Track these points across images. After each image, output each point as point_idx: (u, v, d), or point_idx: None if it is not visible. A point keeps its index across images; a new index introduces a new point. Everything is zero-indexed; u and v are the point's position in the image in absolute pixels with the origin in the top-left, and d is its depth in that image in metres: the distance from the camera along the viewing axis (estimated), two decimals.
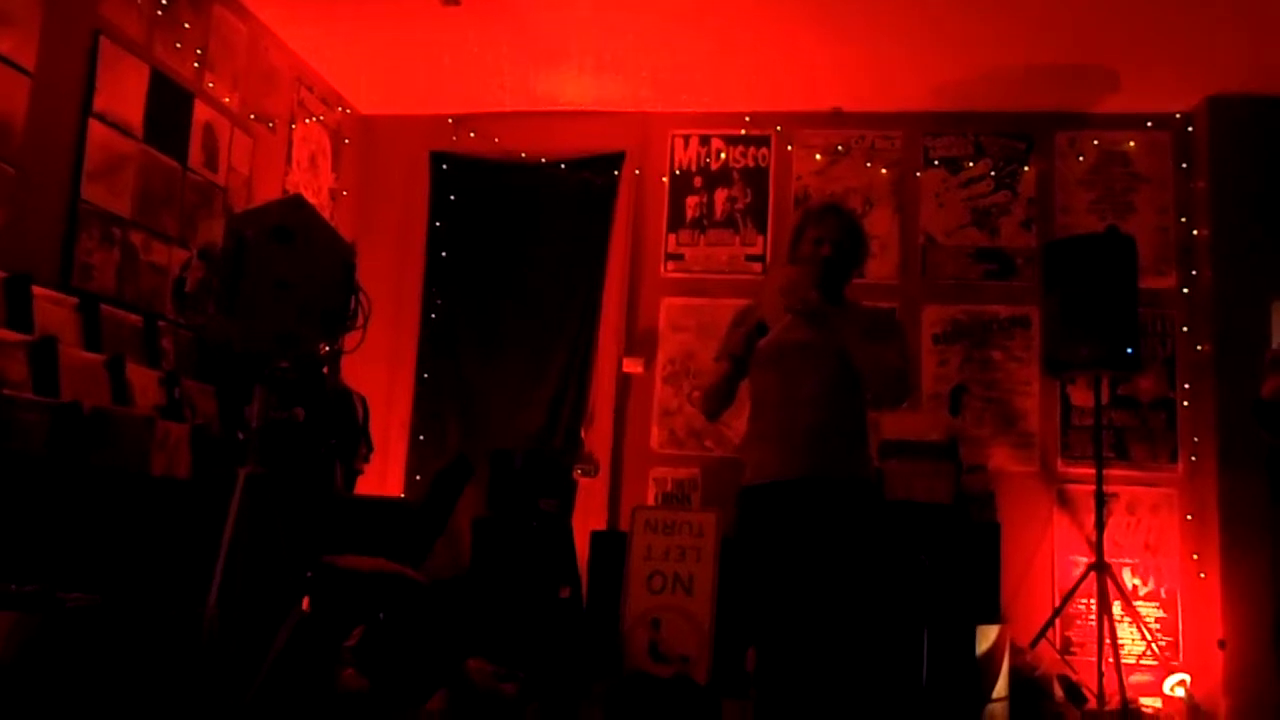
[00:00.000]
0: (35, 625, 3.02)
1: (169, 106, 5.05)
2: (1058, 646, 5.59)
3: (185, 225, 5.16)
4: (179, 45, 5.11)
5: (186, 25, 5.15)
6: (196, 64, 5.25)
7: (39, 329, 3.96)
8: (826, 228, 3.25)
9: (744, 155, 6.53)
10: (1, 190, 4.11)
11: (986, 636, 4.77)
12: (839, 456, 3.12)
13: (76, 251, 4.49)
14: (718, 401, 3.28)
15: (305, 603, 3.98)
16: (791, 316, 3.11)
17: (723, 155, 6.55)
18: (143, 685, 3.23)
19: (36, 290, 4.08)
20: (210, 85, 5.35)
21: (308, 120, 6.29)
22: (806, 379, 3.14)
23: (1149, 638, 5.59)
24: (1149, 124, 6.13)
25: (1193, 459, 5.81)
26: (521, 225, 6.71)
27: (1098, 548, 5.38)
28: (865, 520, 3.10)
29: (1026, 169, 6.23)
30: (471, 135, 6.73)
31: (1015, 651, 5.07)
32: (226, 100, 5.49)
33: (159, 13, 4.97)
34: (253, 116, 5.72)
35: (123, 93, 4.74)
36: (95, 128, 4.58)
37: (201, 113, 5.28)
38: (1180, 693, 5.41)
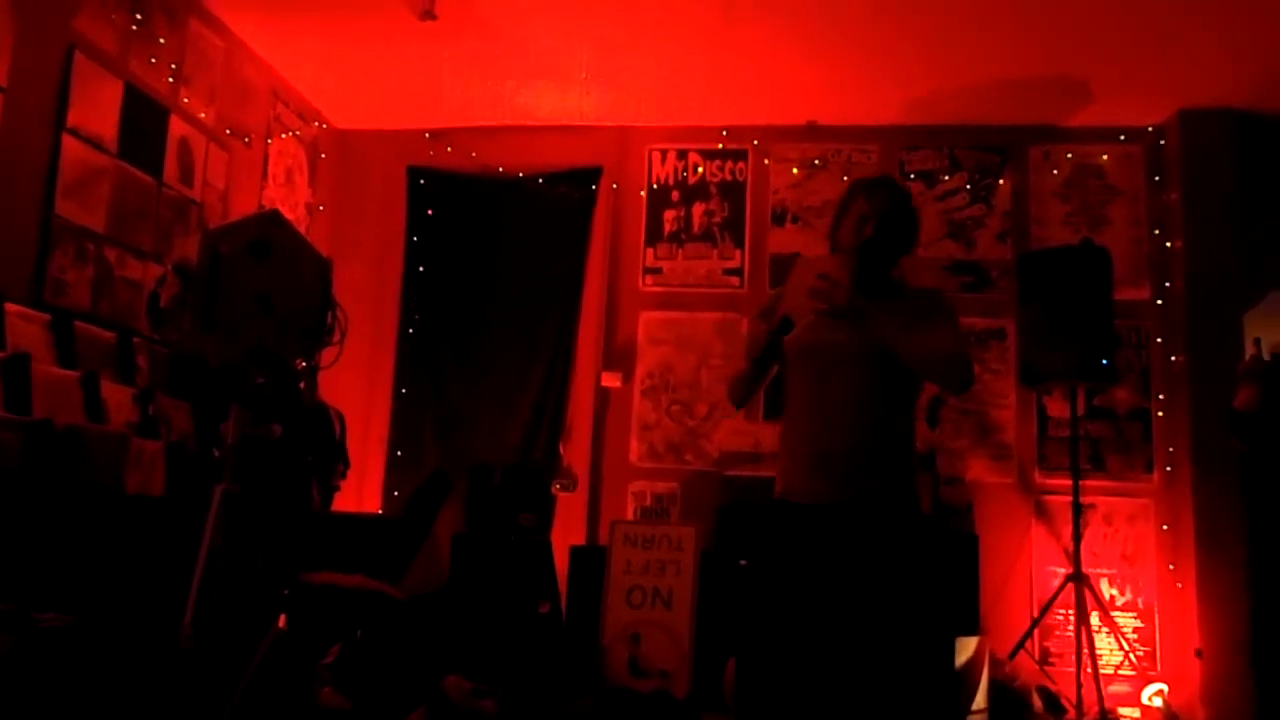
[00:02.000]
0: (8, 646, 2.98)
1: (144, 121, 5.02)
2: (1036, 657, 5.61)
3: (160, 241, 5.13)
4: (154, 60, 5.09)
5: (162, 40, 5.13)
6: (171, 79, 5.22)
7: (11, 346, 3.93)
8: (876, 203, 2.89)
9: (721, 169, 6.55)
10: None
11: (965, 648, 4.78)
12: (872, 479, 2.79)
13: (50, 267, 4.45)
14: (741, 394, 3.03)
15: (282, 620, 3.94)
16: (824, 317, 2.79)
17: (700, 169, 6.57)
18: (118, 705, 3.19)
19: (9, 307, 4.05)
20: (186, 100, 5.33)
21: (284, 135, 6.27)
22: (839, 387, 2.81)
23: (1127, 648, 5.62)
24: (1122, 137, 6.19)
25: (1168, 469, 5.85)
26: (499, 240, 6.70)
27: (1075, 558, 5.41)
28: (899, 542, 2.80)
29: (1001, 182, 6.28)
30: (449, 150, 6.73)
31: (994, 663, 5.08)
32: (202, 115, 5.47)
33: (134, 27, 4.94)
34: (228, 131, 5.70)
35: (97, 107, 4.72)
36: (69, 143, 4.55)
37: (177, 127, 5.26)
38: (1158, 702, 5.43)
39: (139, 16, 4.97)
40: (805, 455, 2.85)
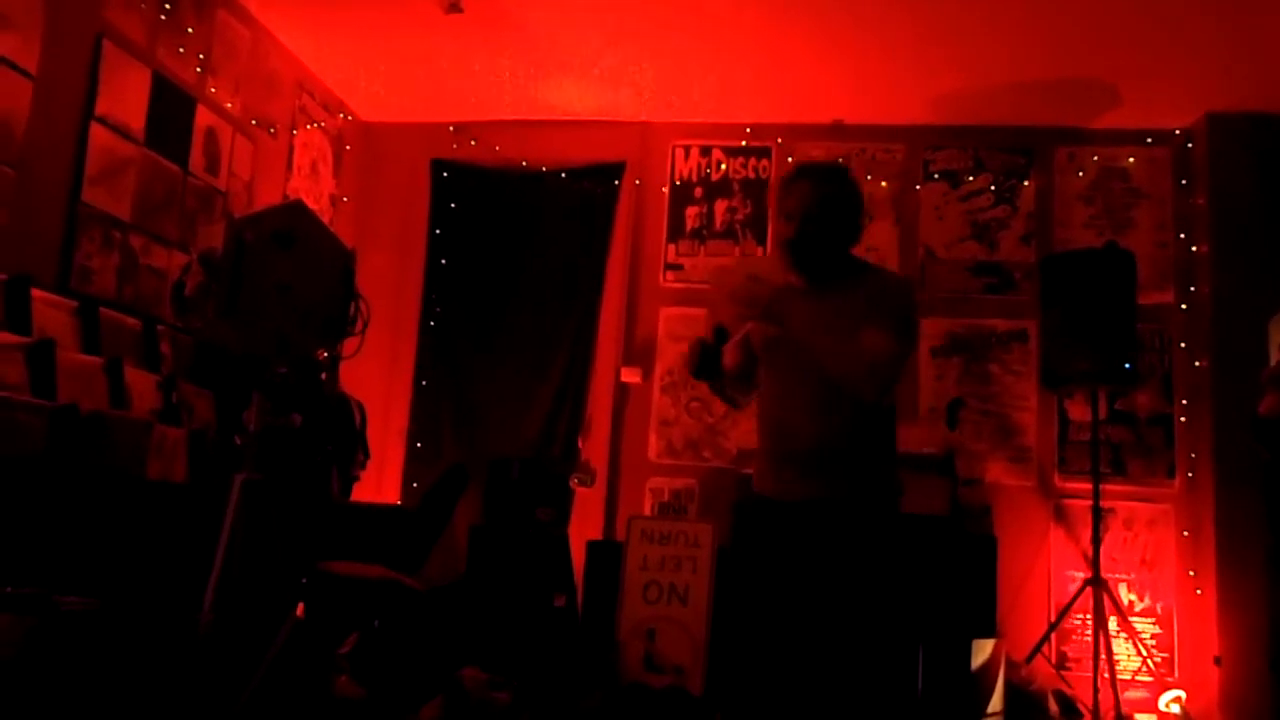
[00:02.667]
0: (31, 628, 3.01)
1: (171, 111, 5.06)
2: (1053, 661, 5.59)
3: (185, 230, 5.16)
4: (182, 50, 5.12)
5: (190, 30, 5.16)
6: (199, 69, 5.25)
7: (37, 331, 3.96)
8: (794, 199, 2.75)
9: (744, 166, 6.54)
10: (2, 192, 4.11)
11: (982, 651, 4.76)
12: (840, 478, 2.75)
13: (76, 254, 4.49)
14: (727, 400, 3.03)
15: (300, 609, 3.96)
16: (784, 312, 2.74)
17: (723, 166, 6.56)
18: (138, 689, 3.22)
19: (35, 293, 4.08)
20: (212, 90, 5.36)
21: (309, 126, 6.30)
22: (803, 385, 2.75)
23: (1145, 653, 5.59)
24: (1149, 140, 6.14)
25: (1190, 475, 5.81)
26: (521, 234, 6.71)
27: (1094, 563, 5.38)
28: (869, 547, 2.75)
29: (1026, 183, 6.25)
30: (472, 143, 6.74)
31: (1011, 666, 5.05)
32: (228, 105, 5.50)
33: (162, 17, 4.98)
34: (254, 122, 5.73)
35: (125, 96, 4.75)
36: (97, 131, 4.58)
37: (203, 117, 5.29)
38: (1176, 709, 5.39)
39: (168, 6, 5.00)
40: (775, 453, 2.84)
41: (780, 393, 2.83)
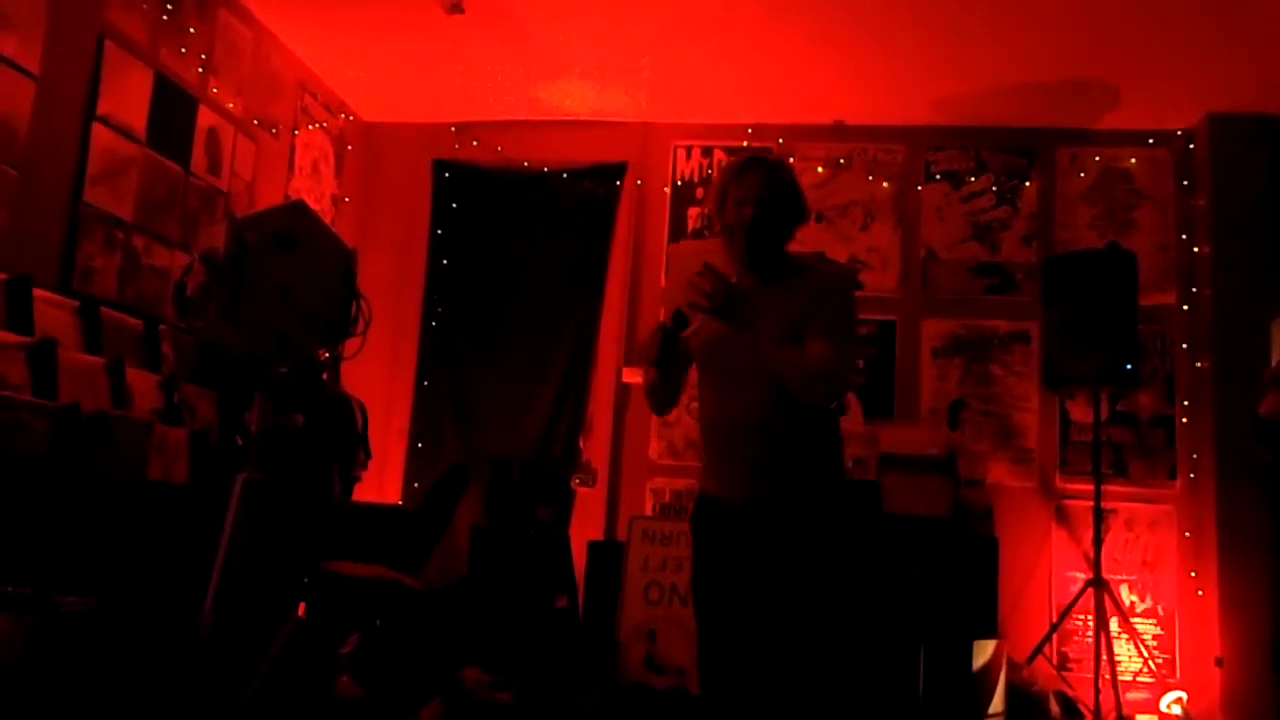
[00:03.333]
0: (31, 628, 3.01)
1: (173, 111, 5.06)
2: (1054, 662, 5.58)
3: (187, 230, 5.16)
4: (184, 50, 5.12)
5: (191, 30, 5.16)
6: (201, 69, 5.26)
7: (39, 331, 3.96)
8: (747, 186, 2.74)
9: None
10: (4, 193, 4.11)
11: (983, 651, 4.76)
12: (787, 478, 2.73)
13: (78, 255, 4.49)
14: (658, 402, 2.97)
15: (302, 609, 3.97)
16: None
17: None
18: (138, 690, 3.22)
19: (37, 293, 4.08)
20: (214, 90, 5.36)
21: (311, 126, 6.30)
22: (745, 386, 2.72)
23: (1146, 655, 5.58)
24: (1150, 141, 6.14)
25: (1191, 476, 5.81)
26: (523, 234, 6.71)
27: (1095, 564, 5.38)
28: (818, 544, 2.72)
29: (1028, 184, 6.25)
30: (474, 144, 6.75)
31: (1012, 667, 5.06)
32: (230, 105, 5.50)
33: (164, 17, 4.98)
34: (256, 122, 5.73)
35: (127, 97, 4.75)
36: (99, 131, 4.59)
37: (205, 118, 5.29)
38: (1177, 710, 5.39)
39: (169, 7, 5.00)
40: (716, 454, 2.82)
41: (719, 396, 2.81)
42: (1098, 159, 6.19)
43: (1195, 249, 5.99)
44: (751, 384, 2.70)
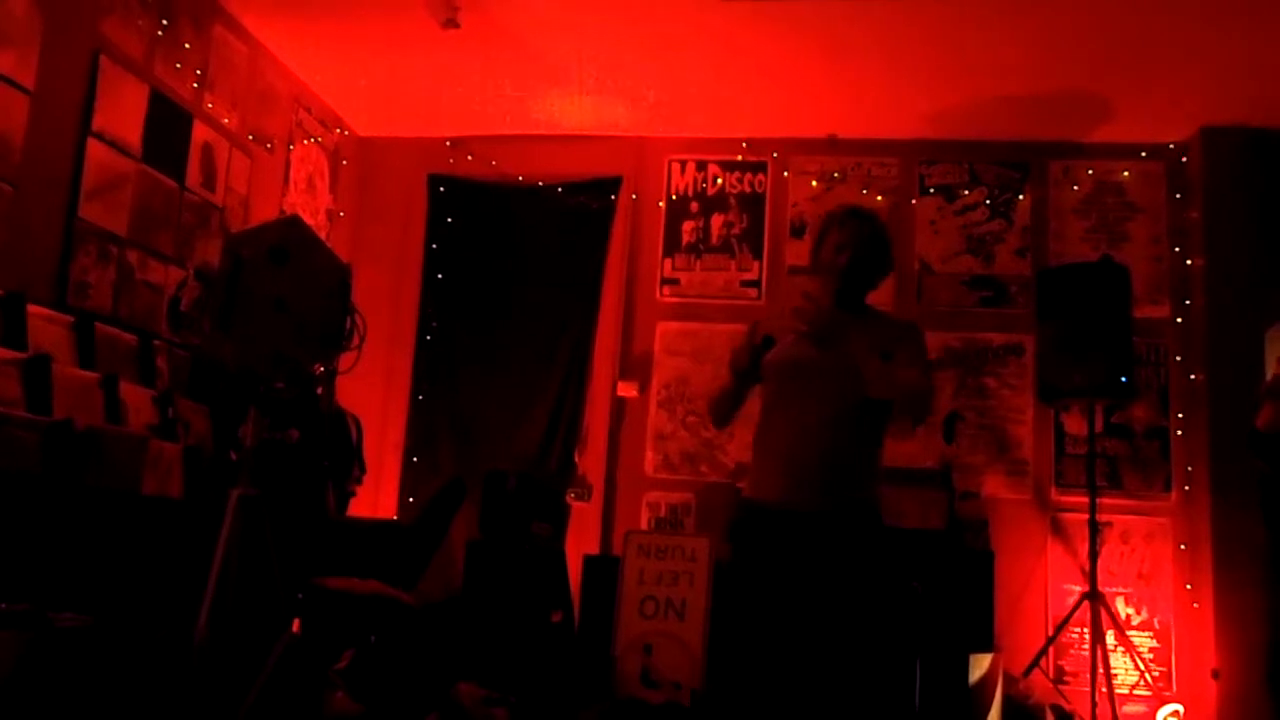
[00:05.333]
0: (25, 645, 3.00)
1: (168, 126, 5.07)
2: (1051, 676, 5.58)
3: (182, 245, 5.16)
4: (179, 65, 5.13)
5: (187, 45, 5.17)
6: (196, 84, 5.26)
7: (33, 347, 3.96)
8: (848, 234, 3.12)
9: (740, 181, 6.56)
10: None
11: (979, 665, 4.76)
12: (844, 487, 3.00)
13: (72, 269, 4.49)
14: (723, 412, 3.20)
15: (296, 625, 3.95)
16: (804, 339, 3.01)
17: (719, 180, 6.57)
18: (132, 707, 3.20)
19: (31, 308, 4.08)
20: (209, 105, 5.37)
21: (306, 141, 6.31)
22: (818, 401, 3.01)
23: (1142, 667, 5.58)
24: (1143, 154, 6.17)
25: (1186, 488, 5.82)
26: (518, 248, 6.72)
27: (1091, 576, 5.38)
28: (867, 549, 3.01)
29: (1021, 197, 6.27)
30: (469, 158, 6.76)
31: (1008, 680, 5.05)
32: (225, 121, 5.51)
33: (159, 33, 4.99)
34: (251, 137, 5.74)
35: (122, 112, 4.76)
36: (94, 146, 4.59)
37: (200, 133, 5.30)
38: None
39: (165, 22, 5.01)
40: (778, 463, 3.04)
41: (791, 409, 3.04)
42: (1091, 172, 6.21)
43: (1188, 261, 6.01)
44: (828, 402, 2.99)
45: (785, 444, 3.05)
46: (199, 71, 5.28)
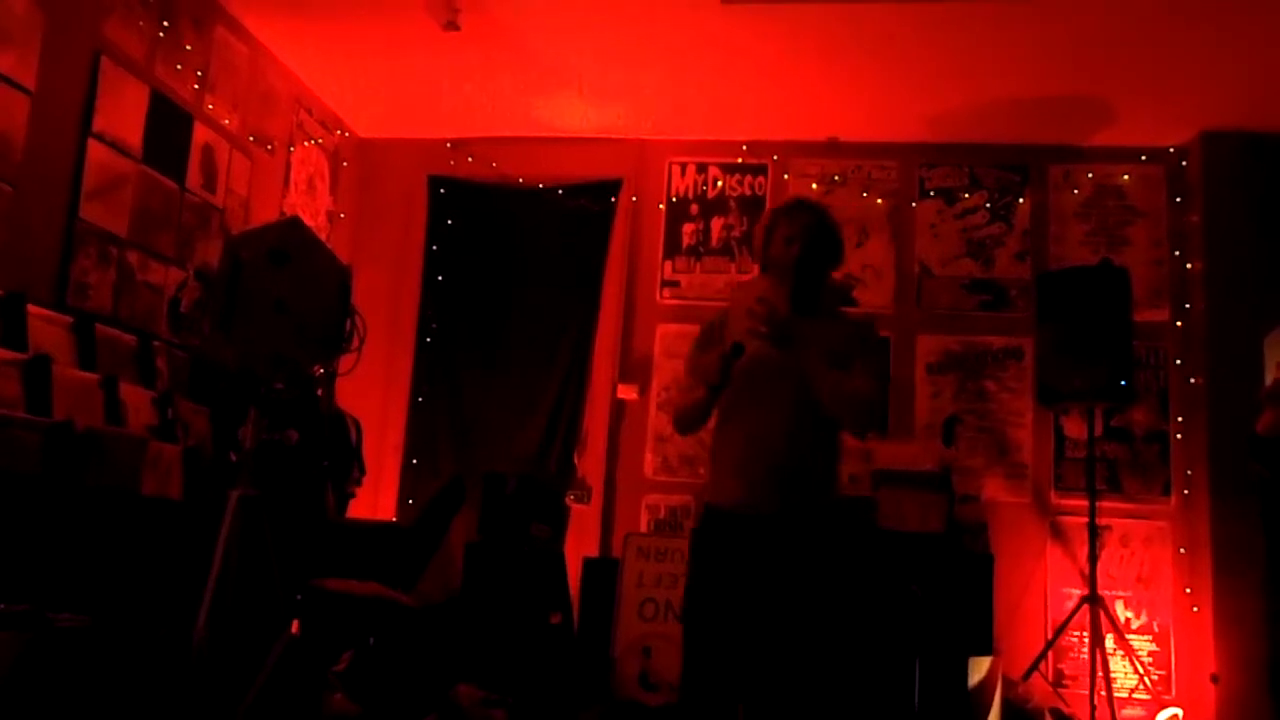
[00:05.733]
0: (24, 645, 3.00)
1: (168, 127, 5.07)
2: (1050, 679, 5.58)
3: (182, 246, 5.17)
4: (180, 66, 5.13)
5: (188, 47, 5.18)
6: (197, 85, 5.27)
7: (33, 347, 3.96)
8: (797, 225, 3.07)
9: (740, 183, 6.56)
10: None
11: (979, 668, 4.76)
12: (804, 491, 2.96)
13: (73, 270, 4.49)
14: (692, 423, 3.13)
15: (295, 626, 3.96)
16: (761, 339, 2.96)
17: (719, 183, 6.57)
18: (131, 707, 3.21)
19: (31, 309, 4.08)
20: (210, 107, 5.37)
21: (306, 143, 6.31)
22: (776, 405, 2.97)
23: (1142, 671, 5.58)
24: (1143, 158, 6.17)
25: (1186, 492, 5.82)
26: (518, 250, 6.72)
27: (1090, 580, 5.38)
28: (831, 553, 2.96)
29: (1021, 201, 6.27)
30: (469, 160, 6.76)
31: (1007, 684, 5.05)
32: (226, 122, 5.51)
33: (160, 34, 4.99)
34: (251, 138, 5.74)
35: (122, 113, 4.76)
36: (94, 147, 4.59)
37: (201, 134, 5.30)
38: None
39: (166, 23, 5.02)
40: (741, 464, 2.99)
41: (748, 412, 3.01)
42: (1091, 175, 6.21)
43: (1188, 265, 6.01)
44: (786, 403, 2.95)
45: (742, 449, 3.01)
46: (200, 73, 5.28)
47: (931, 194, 6.36)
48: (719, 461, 3.10)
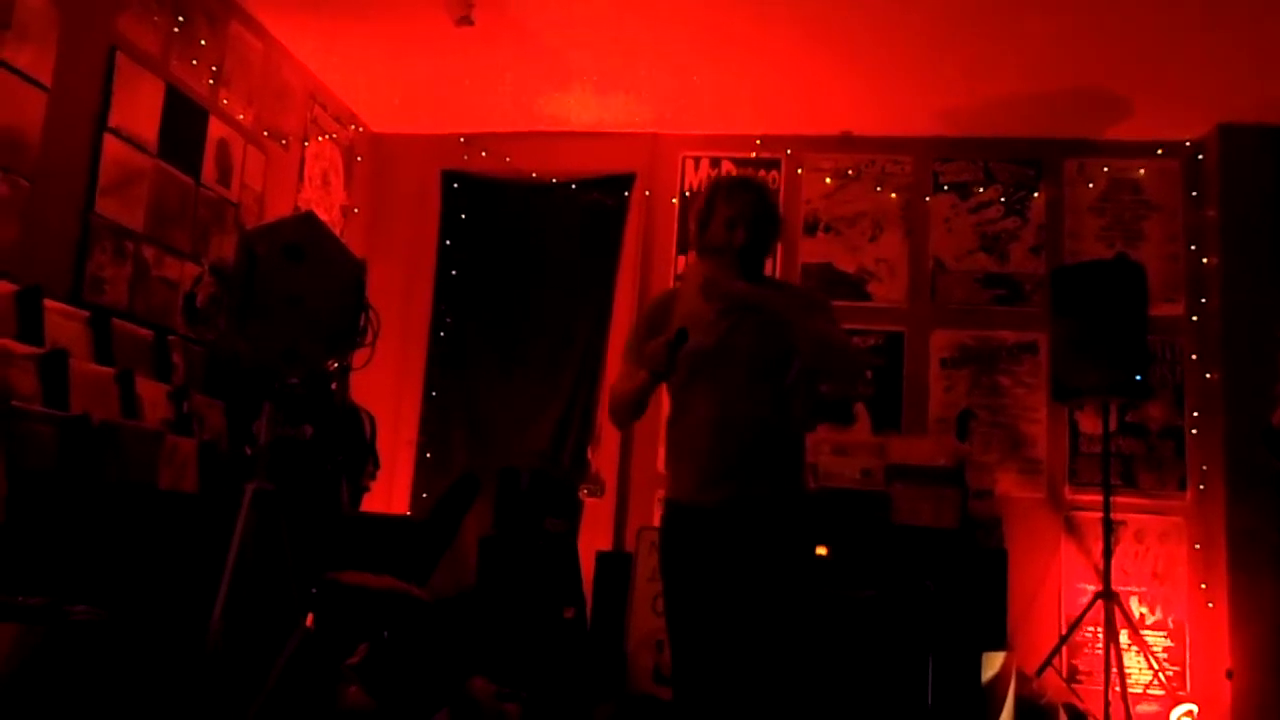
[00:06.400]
0: (41, 638, 3.02)
1: (183, 122, 5.08)
2: (1064, 675, 5.56)
3: (197, 241, 5.18)
4: (195, 62, 5.15)
5: (202, 42, 5.19)
6: (211, 80, 5.28)
7: (50, 342, 3.98)
8: (737, 207, 2.89)
9: None
10: (15, 204, 4.13)
11: (992, 664, 4.75)
12: (767, 477, 2.80)
13: (89, 265, 4.51)
14: (630, 413, 3.00)
15: (310, 619, 3.97)
16: (710, 318, 2.82)
17: None
18: (146, 700, 3.22)
19: (48, 303, 4.10)
20: (225, 102, 5.39)
21: (320, 138, 6.32)
22: (727, 390, 2.82)
23: (1156, 667, 5.56)
24: (1159, 151, 6.14)
25: (1201, 488, 5.79)
26: (531, 245, 6.73)
27: (1105, 576, 5.36)
28: (799, 540, 2.84)
29: (1036, 195, 6.24)
30: (483, 154, 6.76)
31: (1021, 679, 5.04)
32: (240, 117, 5.52)
33: (175, 29, 5.01)
34: (266, 133, 5.76)
35: (138, 108, 4.78)
36: (110, 142, 4.61)
37: (215, 129, 5.32)
38: None
39: (181, 18, 5.03)
40: (700, 455, 2.85)
41: (698, 400, 2.88)
42: (1106, 169, 6.18)
43: (1204, 260, 5.98)
44: (737, 388, 2.82)
45: (694, 438, 2.87)
46: (214, 68, 5.30)
47: (945, 188, 6.34)
48: (672, 454, 2.99)
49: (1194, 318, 5.96)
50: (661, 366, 2.76)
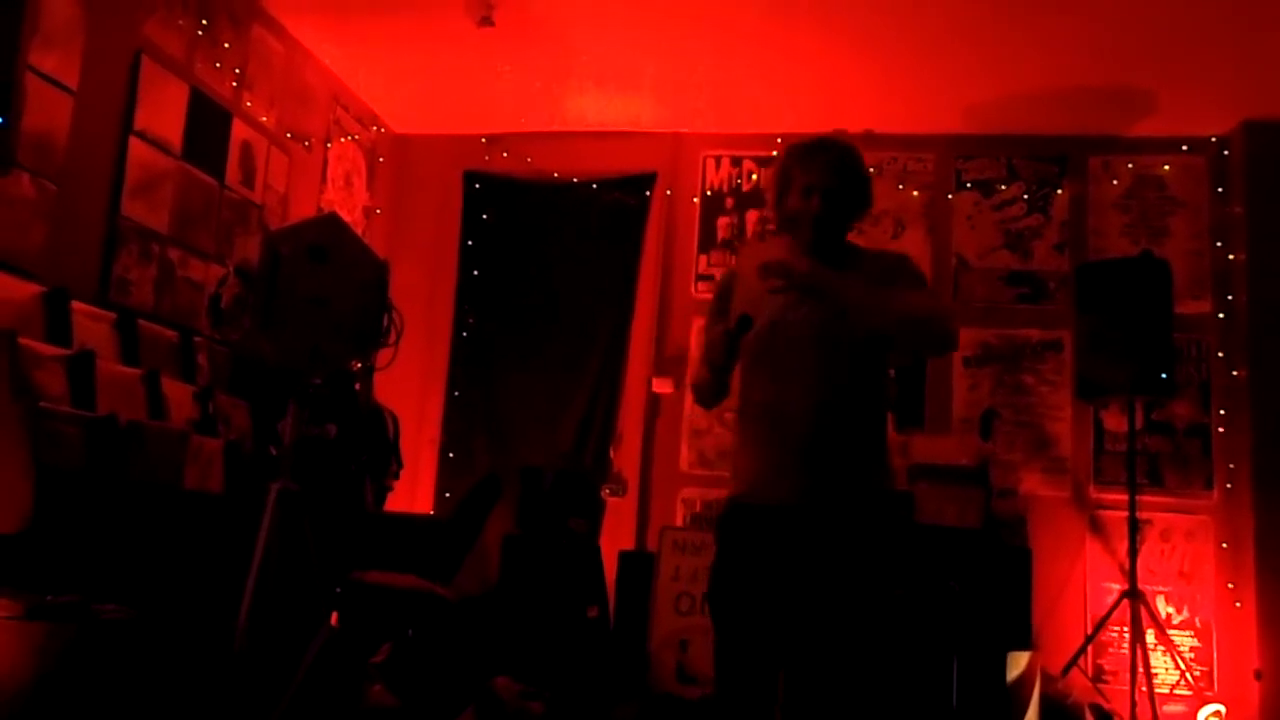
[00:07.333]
0: (70, 637, 3.04)
1: (208, 125, 5.12)
2: (1090, 675, 5.53)
3: (222, 242, 5.22)
4: (218, 65, 5.18)
5: (226, 45, 5.23)
6: (235, 83, 5.32)
7: (77, 343, 4.01)
8: (816, 172, 2.62)
9: None
10: (42, 206, 4.17)
11: (1017, 663, 4.72)
12: (841, 472, 2.53)
13: (115, 267, 4.55)
14: (713, 395, 2.71)
15: (334, 618, 3.99)
16: (778, 299, 2.55)
17: (754, 176, 6.56)
18: (174, 699, 3.25)
19: (75, 305, 4.13)
20: (248, 104, 5.42)
21: (343, 139, 6.35)
22: (800, 378, 2.56)
23: (1183, 667, 5.52)
24: (1184, 148, 6.09)
25: (1228, 486, 5.74)
26: (553, 245, 6.74)
27: (1131, 575, 5.32)
28: (874, 544, 2.54)
29: (1059, 192, 6.20)
30: (504, 155, 6.78)
31: (1046, 679, 5.01)
32: (264, 119, 5.56)
33: (199, 33, 5.04)
34: (289, 135, 5.79)
35: (163, 111, 4.81)
36: (135, 145, 4.65)
37: (239, 131, 5.35)
38: None
39: (205, 22, 5.06)
40: (766, 447, 2.60)
41: (769, 388, 2.63)
42: (1130, 166, 6.14)
43: (1230, 256, 5.93)
44: (810, 375, 2.56)
45: (761, 431, 2.62)
46: (238, 70, 5.33)
47: (968, 186, 6.31)
48: (737, 447, 2.70)
49: (1220, 315, 5.91)
50: (719, 360, 2.56)
